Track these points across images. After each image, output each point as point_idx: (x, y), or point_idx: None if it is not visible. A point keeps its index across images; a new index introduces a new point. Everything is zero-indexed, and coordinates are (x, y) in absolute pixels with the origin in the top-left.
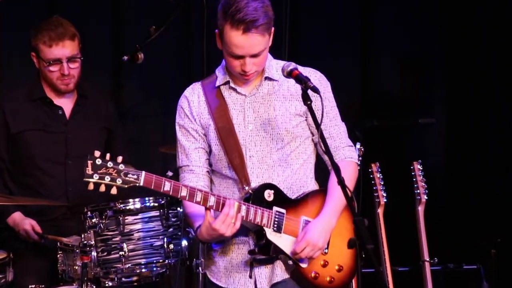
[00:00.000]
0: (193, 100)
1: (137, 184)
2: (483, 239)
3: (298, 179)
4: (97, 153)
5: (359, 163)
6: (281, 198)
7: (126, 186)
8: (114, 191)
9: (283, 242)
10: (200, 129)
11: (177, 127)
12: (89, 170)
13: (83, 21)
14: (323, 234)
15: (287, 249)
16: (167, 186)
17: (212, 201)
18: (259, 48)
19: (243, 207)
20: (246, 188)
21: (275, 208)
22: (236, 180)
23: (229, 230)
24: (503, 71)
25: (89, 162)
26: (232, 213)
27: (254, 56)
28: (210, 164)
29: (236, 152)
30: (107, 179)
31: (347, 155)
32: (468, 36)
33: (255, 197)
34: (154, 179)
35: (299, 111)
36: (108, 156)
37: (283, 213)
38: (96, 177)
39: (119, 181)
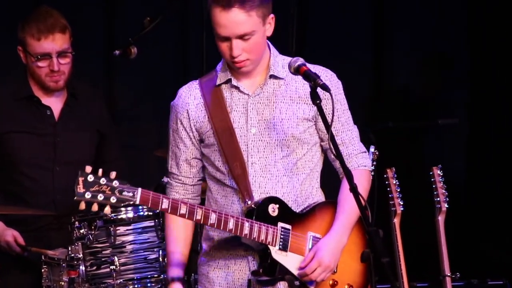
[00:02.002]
0: (188, 102)
1: (133, 202)
2: (510, 252)
3: (304, 190)
4: (88, 169)
5: (373, 168)
6: (286, 213)
7: (121, 204)
8: (107, 210)
9: (290, 261)
10: (195, 135)
11: (170, 130)
12: (80, 188)
13: (73, 12)
14: (335, 253)
15: (294, 269)
16: (165, 203)
17: (213, 218)
18: (244, 28)
19: (246, 224)
20: (249, 202)
21: (280, 224)
22: (236, 189)
23: None
24: None
25: (80, 179)
26: None
27: (241, 38)
28: (203, 171)
29: (238, 161)
30: (100, 197)
31: (360, 163)
32: (491, 30)
33: (258, 213)
34: (151, 196)
35: (307, 115)
36: (100, 171)
37: (289, 230)
38: (88, 196)
39: (113, 200)
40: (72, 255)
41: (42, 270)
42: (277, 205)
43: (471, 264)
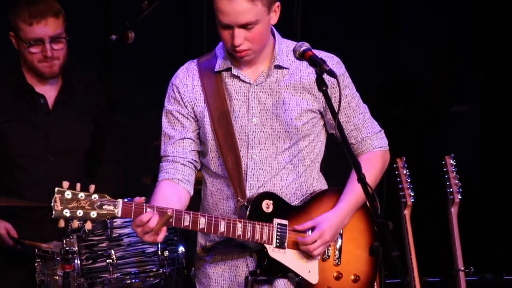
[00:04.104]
0: (186, 83)
1: (115, 215)
2: None
3: (304, 182)
4: (65, 184)
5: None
6: (281, 208)
7: (102, 219)
8: (88, 226)
9: (288, 258)
10: (191, 116)
11: (163, 112)
12: (57, 206)
13: None
14: (335, 231)
15: (294, 266)
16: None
17: (202, 223)
18: (247, 17)
19: (239, 225)
20: (241, 200)
21: (276, 221)
22: (229, 183)
23: (148, 239)
24: None
25: (57, 197)
26: (153, 223)
27: (243, 27)
28: (199, 155)
29: (232, 155)
30: (80, 213)
31: (375, 145)
32: (505, 15)
33: (252, 211)
34: (134, 208)
35: (311, 106)
36: (78, 186)
37: (286, 225)
38: (67, 213)
39: (93, 215)
40: (67, 248)
41: (36, 264)
42: (271, 201)
43: (485, 258)
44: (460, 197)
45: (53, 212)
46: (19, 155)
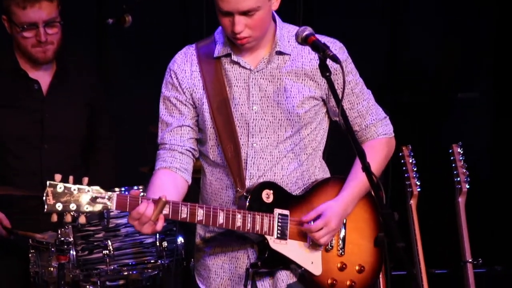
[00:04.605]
0: (184, 69)
1: (109, 209)
2: None
3: (306, 171)
4: (57, 177)
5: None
6: (282, 197)
7: (96, 212)
8: (82, 220)
9: (290, 249)
10: (190, 102)
11: (161, 99)
12: (50, 200)
13: None
14: (340, 219)
15: (296, 257)
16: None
17: (200, 215)
18: (248, 4)
19: (238, 216)
20: (240, 190)
21: (276, 211)
22: (229, 173)
23: (147, 229)
24: None
25: (49, 190)
26: (149, 212)
27: (244, 14)
28: (198, 143)
29: (232, 144)
30: (73, 207)
31: (379, 132)
32: None
33: (252, 201)
34: (129, 200)
35: (313, 93)
36: (71, 179)
37: (287, 215)
38: (59, 207)
39: (86, 208)
40: (62, 238)
41: (30, 255)
42: (272, 191)
43: (494, 249)
44: (468, 186)
45: (45, 207)
46: (12, 141)
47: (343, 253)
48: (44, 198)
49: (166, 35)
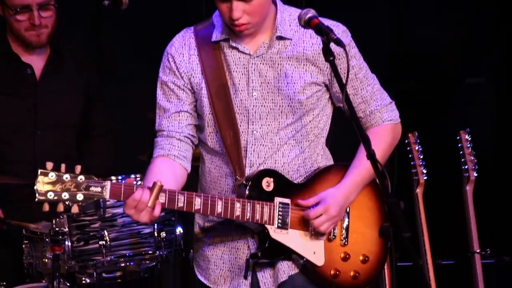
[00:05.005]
0: (182, 53)
1: (103, 198)
2: None
3: (308, 158)
4: (49, 165)
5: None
6: (283, 186)
7: (89, 201)
8: (75, 209)
9: (292, 239)
10: (188, 87)
11: (158, 83)
12: (41, 189)
13: None
14: (342, 208)
15: (298, 247)
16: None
17: (198, 203)
18: None
19: (237, 205)
20: (240, 178)
21: (277, 200)
22: (228, 161)
23: (144, 217)
24: None
25: (41, 179)
26: (146, 197)
27: (242, 0)
28: (197, 130)
29: (231, 130)
30: (65, 196)
31: (385, 118)
32: None
33: (251, 189)
34: (123, 188)
35: (315, 79)
36: (63, 167)
37: (288, 204)
38: (51, 196)
39: (79, 197)
40: (57, 229)
41: (23, 246)
42: (272, 178)
43: (503, 239)
44: (476, 174)
45: (37, 195)
46: (4, 128)
47: (346, 243)
48: (35, 187)
49: (164, 18)
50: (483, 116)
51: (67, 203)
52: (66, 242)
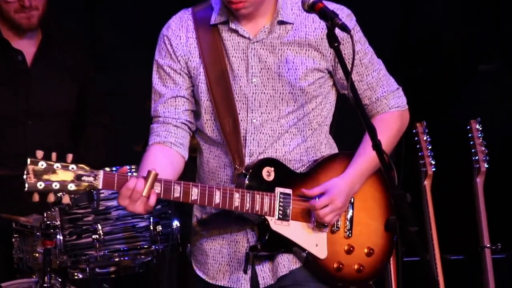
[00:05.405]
0: (179, 35)
1: (95, 187)
2: None
3: (311, 147)
4: (39, 154)
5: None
6: (284, 175)
7: (81, 191)
8: (66, 199)
9: (293, 231)
10: (185, 71)
11: (154, 67)
12: (30, 178)
13: None
14: (346, 198)
15: (299, 239)
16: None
17: (195, 194)
18: None
19: (236, 195)
20: (239, 168)
21: (278, 190)
22: (227, 150)
23: (139, 207)
24: None
25: (30, 168)
26: (140, 186)
27: None
28: (194, 117)
29: (230, 118)
30: (56, 186)
31: (391, 105)
32: None
33: (251, 179)
34: (117, 178)
35: (318, 65)
36: (54, 156)
37: (289, 194)
38: (41, 186)
39: (71, 187)
40: (48, 222)
41: (13, 240)
42: (273, 168)
43: None
44: (487, 166)
45: (26, 185)
46: None
47: (350, 235)
48: (24, 176)
49: (162, 2)
50: (495, 105)
51: (58, 193)
52: (58, 236)
